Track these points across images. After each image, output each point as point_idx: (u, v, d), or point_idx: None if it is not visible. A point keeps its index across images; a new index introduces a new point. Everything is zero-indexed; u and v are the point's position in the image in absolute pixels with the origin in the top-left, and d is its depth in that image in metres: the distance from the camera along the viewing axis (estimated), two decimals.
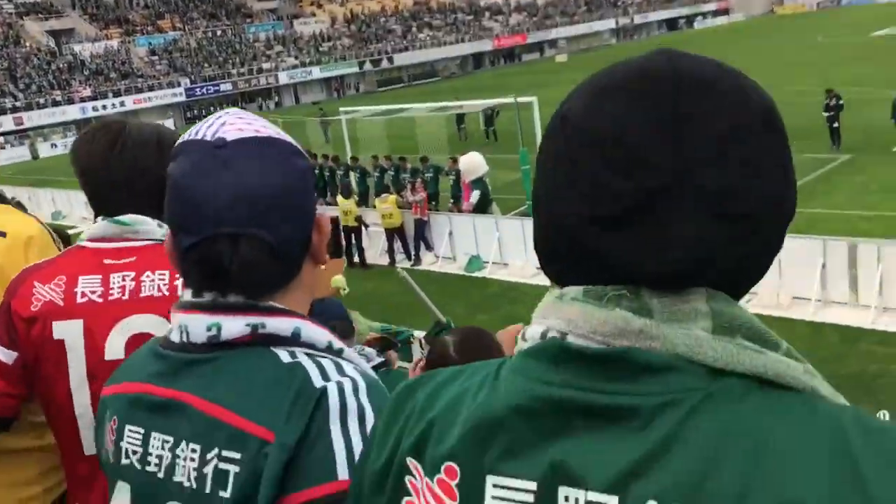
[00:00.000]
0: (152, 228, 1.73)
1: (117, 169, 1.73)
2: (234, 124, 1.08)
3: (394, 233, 15.80)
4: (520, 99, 18.76)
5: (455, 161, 17.85)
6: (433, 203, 17.15)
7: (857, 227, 13.64)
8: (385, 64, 72.00)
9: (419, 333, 5.76)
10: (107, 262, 1.69)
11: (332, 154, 21.65)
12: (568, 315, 0.72)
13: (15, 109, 52.53)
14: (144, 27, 67.80)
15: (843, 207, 15.14)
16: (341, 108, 23.72)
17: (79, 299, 1.66)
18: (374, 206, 16.55)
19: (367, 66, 70.79)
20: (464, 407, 0.78)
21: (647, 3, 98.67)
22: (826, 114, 20.17)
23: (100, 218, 1.75)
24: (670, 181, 0.68)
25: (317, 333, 1.09)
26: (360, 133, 23.18)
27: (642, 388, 0.68)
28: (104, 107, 56.22)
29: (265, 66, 66.13)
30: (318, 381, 1.02)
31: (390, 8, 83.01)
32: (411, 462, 0.80)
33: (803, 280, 10.24)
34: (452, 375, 0.85)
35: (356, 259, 16.28)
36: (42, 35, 62.47)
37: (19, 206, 2.25)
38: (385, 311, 12.06)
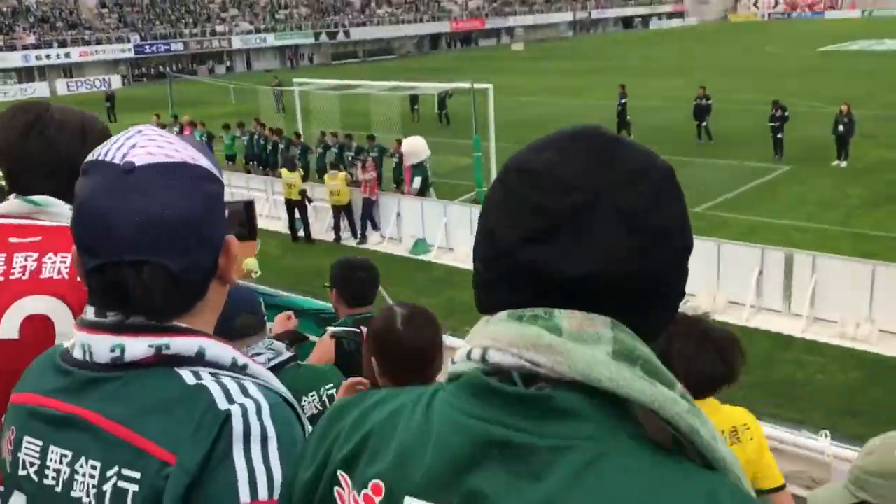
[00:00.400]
0: (63, 211, 1.70)
1: (35, 150, 1.72)
2: (144, 147, 1.06)
3: (341, 210, 15.76)
4: (476, 85, 18.81)
5: (400, 144, 17.91)
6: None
7: (792, 237, 14.13)
8: (341, 37, 71.15)
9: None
10: (12, 240, 1.66)
11: (276, 127, 21.52)
12: (492, 334, 0.81)
13: None
14: None
15: (781, 217, 15.63)
16: (295, 79, 23.48)
17: None
18: (323, 182, 16.49)
19: (323, 38, 69.87)
20: (398, 428, 0.84)
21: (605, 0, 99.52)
22: (771, 124, 20.75)
23: (12, 196, 1.73)
24: (591, 198, 0.79)
25: (221, 351, 1.10)
26: (313, 106, 22.96)
27: (551, 430, 0.76)
28: (48, 56, 54.36)
29: (219, 28, 64.71)
30: (222, 405, 1.03)
31: None
32: (341, 475, 0.86)
33: (739, 285, 10.57)
34: (390, 396, 0.91)
35: (301, 233, 16.22)
36: None
37: None
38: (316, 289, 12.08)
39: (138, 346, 1.05)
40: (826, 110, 24.84)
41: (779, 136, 20.54)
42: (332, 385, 2.72)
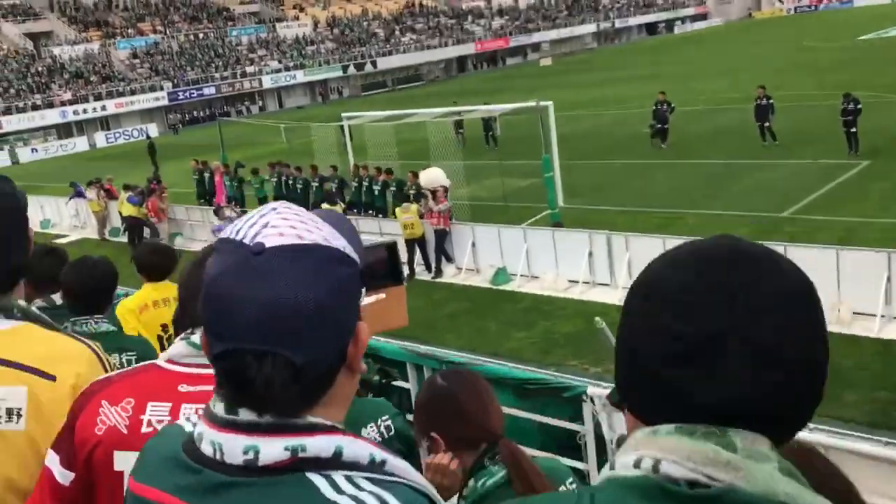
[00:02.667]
0: None
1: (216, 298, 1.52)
2: (276, 227, 1.00)
3: (415, 243, 15.23)
4: (530, 103, 18.33)
5: (415, 176, 17.75)
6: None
7: (894, 236, 13.28)
8: (369, 68, 71.33)
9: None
10: (182, 388, 1.59)
11: (311, 164, 21.38)
12: (664, 446, 0.86)
13: None
14: (125, 30, 66.56)
15: (877, 215, 14.78)
16: (343, 114, 23.16)
17: (144, 428, 1.56)
18: (394, 216, 16.08)
19: (351, 70, 70.08)
20: None
21: (626, 8, 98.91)
22: (843, 118, 19.84)
23: (179, 337, 1.65)
24: (724, 330, 0.84)
25: (359, 450, 1.03)
26: (367, 139, 22.66)
27: None
28: (85, 111, 55.04)
29: (249, 69, 65.19)
30: None
31: (373, 11, 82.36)
32: None
33: (866, 294, 9.82)
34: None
35: None
36: (20, 38, 61.09)
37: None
38: (406, 329, 11.52)
39: (273, 449, 0.99)
40: (889, 98, 23.97)
41: (853, 130, 19.63)
42: (387, 416, 2.57)
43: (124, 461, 1.54)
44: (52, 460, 1.59)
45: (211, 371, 1.49)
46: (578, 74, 55.56)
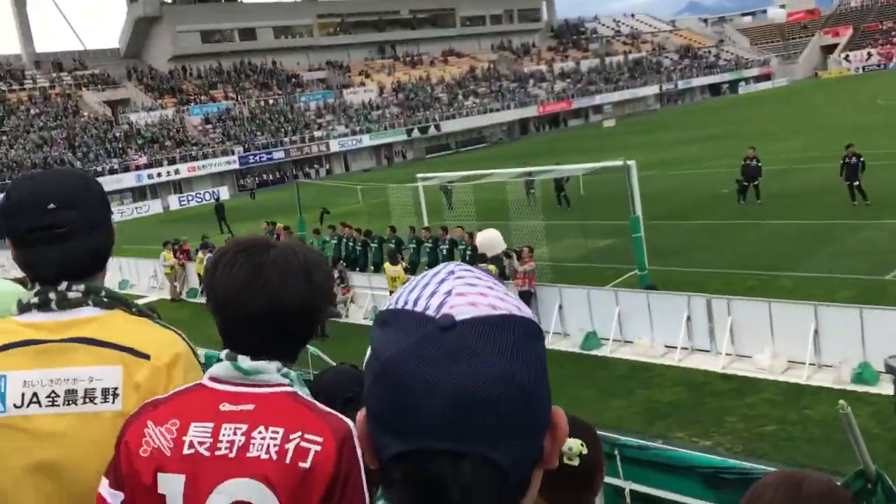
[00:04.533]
0: (272, 377, 1.57)
1: (255, 304, 1.56)
2: (464, 296, 0.84)
3: None
4: (615, 163, 17.95)
5: (471, 236, 17.86)
6: None
7: None
8: (432, 131, 72.22)
9: None
10: (223, 407, 1.55)
11: (365, 228, 21.51)
12: None
13: None
14: (198, 97, 68.86)
15: None
16: (418, 175, 23.13)
17: (185, 450, 1.54)
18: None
19: (416, 134, 71.03)
20: None
21: (689, 69, 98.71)
22: None
23: (224, 354, 1.60)
24: None
25: None
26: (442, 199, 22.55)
27: None
28: (159, 174, 56.66)
29: (316, 133, 66.56)
30: None
31: (436, 76, 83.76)
32: None
33: None
34: None
35: None
36: (99, 105, 63.64)
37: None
38: None
39: None
40: None
41: None
42: None
43: (166, 484, 1.53)
44: (104, 484, 1.59)
45: (254, 391, 1.55)
46: (644, 135, 55.17)
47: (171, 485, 1.53)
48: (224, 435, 1.53)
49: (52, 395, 1.76)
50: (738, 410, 10.56)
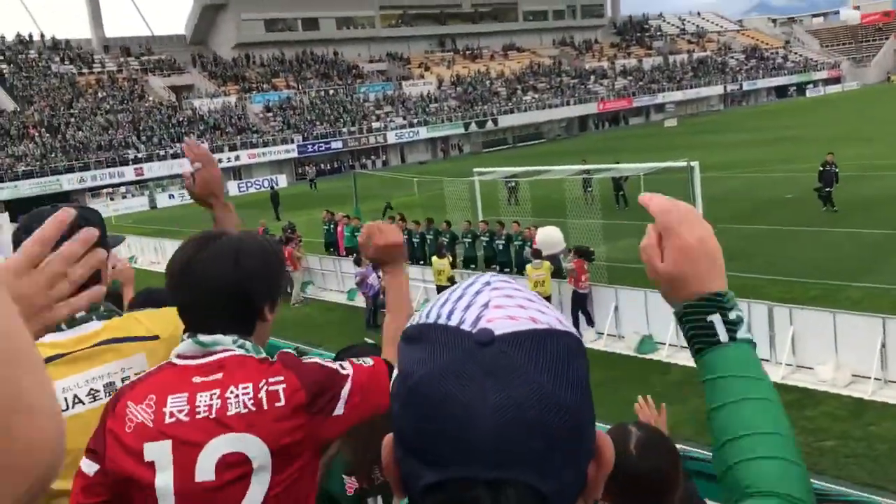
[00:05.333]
0: (229, 346, 1.73)
1: (186, 289, 1.75)
2: (501, 308, 0.76)
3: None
4: (678, 163, 17.59)
5: (503, 226, 18.32)
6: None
7: None
8: (490, 125, 71.97)
9: None
10: (195, 379, 1.70)
11: (426, 217, 21.52)
12: None
13: (137, 161, 54.28)
14: (260, 85, 69.78)
15: None
16: (475, 169, 23.01)
17: (167, 419, 1.67)
18: (525, 273, 15.66)
19: (473, 128, 70.86)
20: None
21: (755, 70, 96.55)
22: None
23: (186, 335, 1.77)
24: None
25: None
26: (501, 195, 22.41)
27: None
28: (219, 160, 57.30)
29: (375, 125, 66.90)
30: None
31: (495, 71, 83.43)
32: None
33: None
34: None
35: None
36: (164, 90, 64.96)
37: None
38: None
39: None
40: None
41: None
42: None
43: (153, 451, 1.65)
44: (84, 459, 1.73)
45: (218, 357, 1.70)
46: (706, 136, 54.10)
47: (158, 451, 1.66)
48: (201, 401, 1.67)
49: (92, 391, 2.04)
50: (797, 423, 10.20)
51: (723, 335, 1.10)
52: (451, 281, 16.53)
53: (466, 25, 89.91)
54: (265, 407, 1.65)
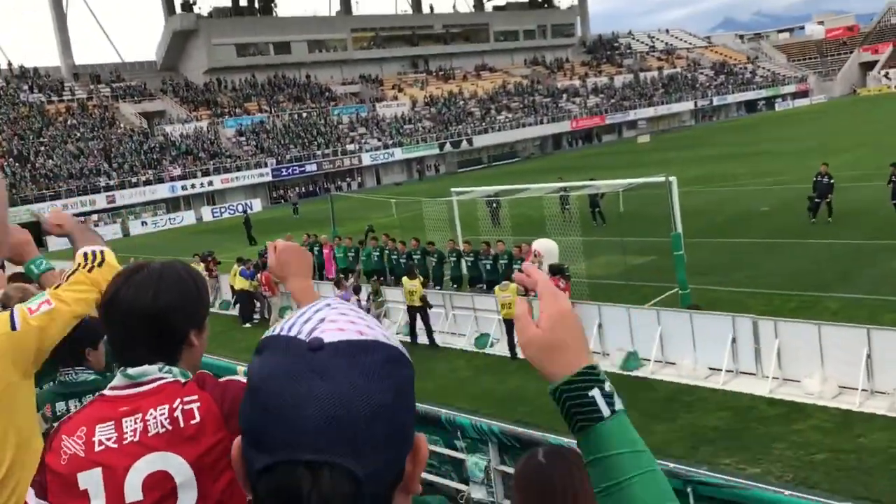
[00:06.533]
0: (153, 375, 1.81)
1: (111, 320, 1.85)
2: (335, 322, 0.92)
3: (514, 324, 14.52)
4: (656, 178, 17.60)
5: (520, 249, 17.68)
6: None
7: None
8: (465, 145, 72.11)
9: None
10: (121, 409, 1.78)
11: (413, 237, 21.38)
12: None
13: (108, 188, 53.62)
14: (232, 109, 69.42)
15: None
16: (452, 189, 22.91)
17: (97, 447, 1.75)
18: (495, 293, 15.64)
19: (448, 148, 70.96)
20: None
21: (724, 85, 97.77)
22: None
23: (119, 370, 1.85)
24: None
25: None
26: (480, 213, 22.33)
27: None
28: (192, 185, 57.07)
29: (349, 147, 66.74)
30: None
31: (468, 91, 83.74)
32: None
33: None
34: None
35: (425, 339, 16.53)
36: (135, 117, 64.40)
37: None
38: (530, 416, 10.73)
39: None
40: None
41: None
42: None
43: (86, 480, 1.73)
44: (30, 494, 1.79)
45: (144, 388, 1.79)
46: (679, 151, 54.54)
47: (90, 478, 1.73)
48: (127, 427, 1.75)
49: None
50: (786, 437, 10.12)
51: (605, 410, 1.11)
52: (424, 301, 16.53)
53: (438, 46, 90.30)
54: (181, 425, 1.74)
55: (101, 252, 2.71)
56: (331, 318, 0.92)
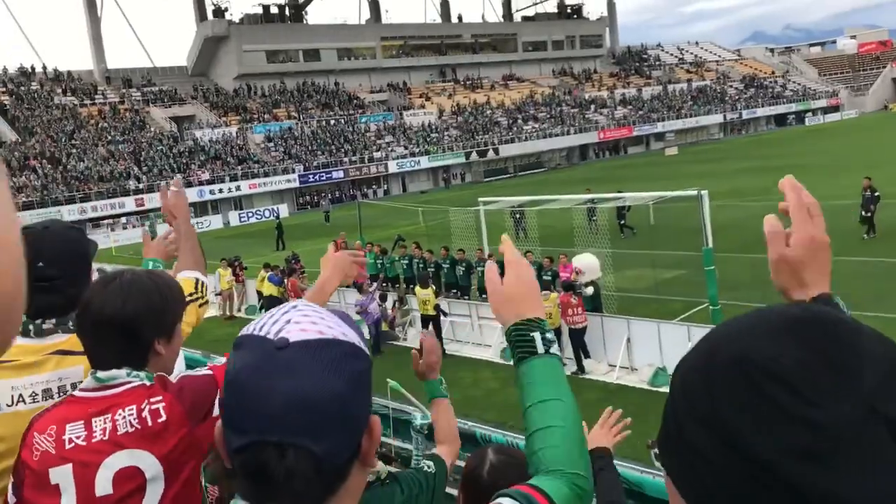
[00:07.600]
0: (121, 379, 1.90)
1: (84, 325, 1.95)
2: (298, 323, 1.07)
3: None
4: (687, 192, 17.39)
5: (551, 261, 17.60)
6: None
7: None
8: (491, 155, 72.05)
9: None
10: (91, 410, 1.87)
11: (443, 246, 21.49)
12: None
13: (137, 191, 54.16)
14: (261, 115, 69.94)
15: None
16: (480, 199, 22.82)
17: (67, 445, 1.84)
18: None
19: (474, 157, 70.93)
20: None
21: (754, 99, 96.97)
22: None
23: (90, 373, 1.94)
24: (865, 411, 0.69)
25: None
26: (507, 224, 22.22)
27: None
28: (220, 190, 57.50)
29: (376, 154, 66.95)
30: None
31: (496, 100, 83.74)
32: None
33: None
34: None
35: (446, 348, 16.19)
36: (165, 121, 65.06)
37: None
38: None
39: None
40: None
41: None
42: None
43: (57, 475, 1.82)
44: (9, 487, 1.89)
45: (112, 391, 1.88)
46: (707, 164, 54.07)
47: (61, 474, 1.82)
48: (96, 426, 1.84)
49: (33, 394, 2.24)
50: None
51: (540, 348, 1.43)
52: (437, 310, 16.58)
53: (466, 56, 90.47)
54: (150, 424, 1.84)
55: (206, 285, 2.79)
56: (295, 319, 1.07)
